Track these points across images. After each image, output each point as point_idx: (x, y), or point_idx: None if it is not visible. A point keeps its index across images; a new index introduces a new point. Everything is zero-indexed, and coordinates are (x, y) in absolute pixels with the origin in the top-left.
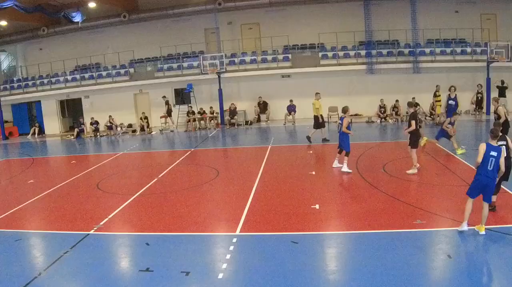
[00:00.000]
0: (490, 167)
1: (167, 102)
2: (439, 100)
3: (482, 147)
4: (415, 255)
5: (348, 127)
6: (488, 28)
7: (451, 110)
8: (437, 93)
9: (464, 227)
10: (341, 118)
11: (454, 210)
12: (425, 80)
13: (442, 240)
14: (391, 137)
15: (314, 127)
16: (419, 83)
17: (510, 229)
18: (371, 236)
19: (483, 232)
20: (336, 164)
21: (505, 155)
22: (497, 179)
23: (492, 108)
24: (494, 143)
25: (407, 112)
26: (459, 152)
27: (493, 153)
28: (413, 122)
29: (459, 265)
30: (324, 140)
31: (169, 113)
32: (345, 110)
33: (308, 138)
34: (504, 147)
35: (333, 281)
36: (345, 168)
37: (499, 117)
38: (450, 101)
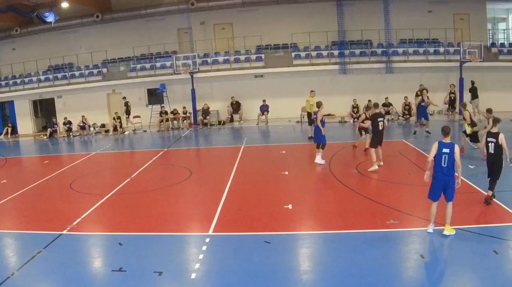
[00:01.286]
0: (444, 164)
1: (126, 103)
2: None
3: (434, 146)
4: (388, 255)
5: (322, 123)
6: (461, 28)
7: (423, 112)
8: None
9: (430, 229)
10: (315, 113)
11: (427, 210)
12: (398, 80)
13: (415, 240)
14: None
15: (309, 125)
16: (392, 83)
17: (483, 228)
18: (344, 236)
19: (450, 233)
20: (317, 159)
21: (493, 152)
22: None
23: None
24: (447, 140)
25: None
26: None
27: (446, 150)
28: (367, 121)
29: (432, 265)
30: (310, 138)
31: (127, 113)
32: (319, 105)
33: (310, 138)
34: (492, 143)
35: (306, 281)
36: (318, 159)
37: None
38: (423, 103)
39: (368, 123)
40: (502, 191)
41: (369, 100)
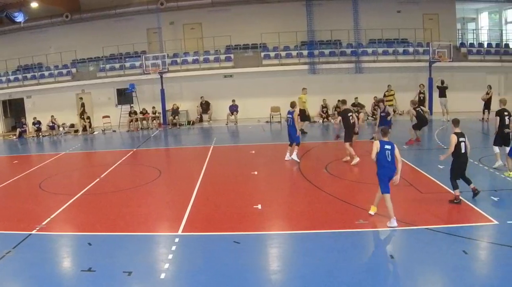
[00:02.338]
0: (389, 158)
1: (82, 105)
2: (390, 100)
3: (375, 145)
4: (357, 255)
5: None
6: (431, 28)
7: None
8: (386, 93)
9: (394, 223)
10: (290, 113)
11: (396, 210)
12: (368, 80)
13: (385, 240)
14: (333, 137)
15: (301, 120)
16: (361, 83)
17: (452, 228)
18: (313, 236)
19: (374, 211)
20: (288, 156)
21: (464, 151)
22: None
23: (434, 108)
24: (385, 139)
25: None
26: None
27: (387, 147)
28: (339, 117)
29: (402, 265)
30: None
31: (82, 115)
32: (293, 105)
33: (301, 130)
34: (463, 143)
35: (275, 281)
36: (294, 156)
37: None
38: (383, 114)
39: (338, 120)
40: (471, 191)
41: (339, 100)
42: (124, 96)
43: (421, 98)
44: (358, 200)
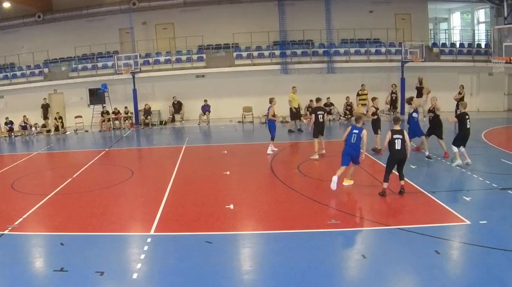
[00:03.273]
0: (353, 141)
1: (46, 106)
2: (364, 99)
3: (348, 129)
4: (329, 255)
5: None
6: (403, 28)
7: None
8: (360, 92)
9: (334, 180)
10: (268, 108)
11: (368, 210)
12: (340, 80)
13: (357, 240)
14: (305, 137)
15: (291, 119)
16: (333, 83)
17: (425, 228)
18: (285, 236)
19: (349, 183)
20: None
21: (399, 147)
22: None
23: (406, 108)
24: (358, 125)
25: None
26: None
27: (355, 131)
28: (313, 115)
29: (374, 265)
30: (290, 131)
31: (45, 116)
32: (270, 100)
33: (290, 131)
34: (399, 140)
35: (247, 281)
36: (269, 150)
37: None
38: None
39: (312, 117)
40: (443, 191)
41: (311, 100)
42: (97, 96)
43: (393, 98)
44: (330, 200)
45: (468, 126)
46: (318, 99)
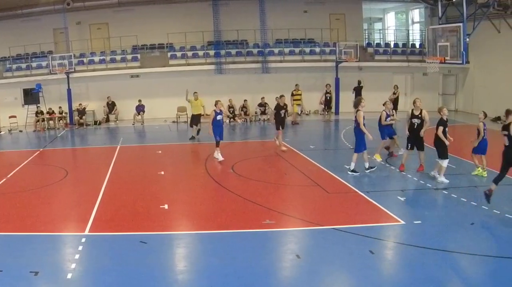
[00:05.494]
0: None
1: None
2: (298, 99)
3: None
4: (264, 255)
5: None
6: (337, 28)
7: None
8: (294, 92)
9: None
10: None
11: (303, 210)
12: (275, 80)
13: (291, 240)
14: (239, 137)
15: (190, 125)
16: (268, 83)
17: (359, 228)
18: (220, 236)
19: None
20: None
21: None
22: None
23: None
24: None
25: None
26: None
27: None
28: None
29: (308, 265)
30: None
31: None
32: (216, 103)
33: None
34: None
35: (181, 281)
36: (217, 155)
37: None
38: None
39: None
40: (377, 191)
41: (245, 100)
42: (31, 96)
43: (328, 98)
44: (265, 200)
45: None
46: (281, 97)
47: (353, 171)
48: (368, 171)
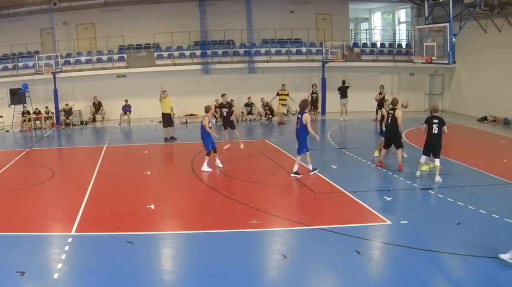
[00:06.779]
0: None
1: None
2: (284, 99)
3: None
4: (250, 255)
5: (210, 127)
6: (324, 28)
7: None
8: (280, 91)
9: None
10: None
11: (289, 210)
12: (261, 80)
13: (278, 240)
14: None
15: (164, 126)
16: (255, 83)
17: (346, 228)
18: (206, 236)
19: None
20: (217, 162)
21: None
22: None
23: (330, 108)
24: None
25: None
26: None
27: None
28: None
29: (295, 265)
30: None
31: None
32: (207, 109)
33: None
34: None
35: (168, 281)
36: (204, 167)
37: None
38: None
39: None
40: (364, 191)
41: (232, 100)
42: (17, 96)
43: (314, 98)
44: (251, 200)
45: (435, 131)
46: (223, 95)
47: (296, 173)
48: (312, 172)
